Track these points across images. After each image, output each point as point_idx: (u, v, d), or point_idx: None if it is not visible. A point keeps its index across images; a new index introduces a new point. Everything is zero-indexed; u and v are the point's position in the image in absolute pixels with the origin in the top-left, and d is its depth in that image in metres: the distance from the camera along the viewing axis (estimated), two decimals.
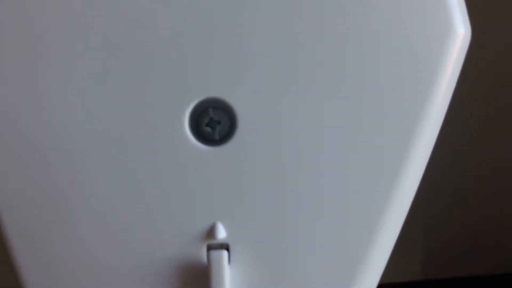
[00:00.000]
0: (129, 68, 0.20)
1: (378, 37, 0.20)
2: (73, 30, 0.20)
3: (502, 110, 0.70)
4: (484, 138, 0.72)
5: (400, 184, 0.21)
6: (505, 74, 0.66)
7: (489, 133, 0.72)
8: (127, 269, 0.21)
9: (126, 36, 0.20)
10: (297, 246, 0.21)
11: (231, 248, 0.21)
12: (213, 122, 0.21)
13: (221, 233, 0.21)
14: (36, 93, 0.20)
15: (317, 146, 0.21)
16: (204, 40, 0.20)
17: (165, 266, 0.21)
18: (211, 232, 0.21)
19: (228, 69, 0.20)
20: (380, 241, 0.22)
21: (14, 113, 0.20)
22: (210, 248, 0.21)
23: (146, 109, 0.20)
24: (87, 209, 0.21)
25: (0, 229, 0.21)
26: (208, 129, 0.21)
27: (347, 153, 0.21)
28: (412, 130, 0.21)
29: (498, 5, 0.61)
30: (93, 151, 0.20)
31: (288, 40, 0.20)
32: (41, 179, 0.20)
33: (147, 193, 0.21)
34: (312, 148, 0.21)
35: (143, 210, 0.21)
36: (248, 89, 0.20)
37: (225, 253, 0.21)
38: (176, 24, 0.20)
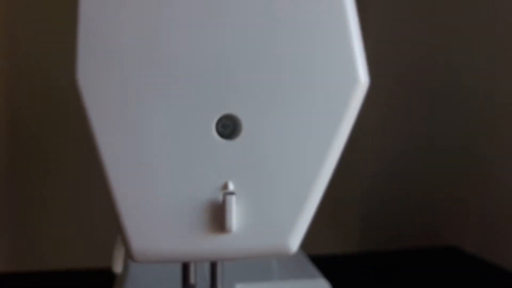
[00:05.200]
0: (181, 94, 0.33)
1: (307, 86, 0.34)
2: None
3: None
4: (418, 111, 0.79)
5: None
6: None
7: (429, 103, 0.79)
8: (179, 202, 0.34)
9: (176, 73, 0.33)
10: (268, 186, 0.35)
11: (236, 195, 0.34)
12: (225, 125, 0.34)
13: (231, 187, 0.34)
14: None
15: (281, 136, 0.34)
16: (227, 74, 0.34)
17: (200, 204, 0.34)
18: (225, 186, 0.34)
19: (239, 96, 0.34)
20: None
21: None
22: (225, 194, 0.33)
23: (191, 118, 0.33)
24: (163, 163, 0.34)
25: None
26: (222, 129, 0.34)
27: (294, 133, 0.34)
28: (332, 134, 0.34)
29: None
30: (162, 138, 0.33)
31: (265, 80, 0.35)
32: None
33: (189, 167, 0.33)
34: (279, 136, 0.34)
35: (187, 174, 0.33)
36: (248, 108, 0.34)
37: (233, 196, 0.33)
38: (206, 64, 0.33)
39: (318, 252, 0.56)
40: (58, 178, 0.75)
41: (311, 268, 0.52)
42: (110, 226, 0.68)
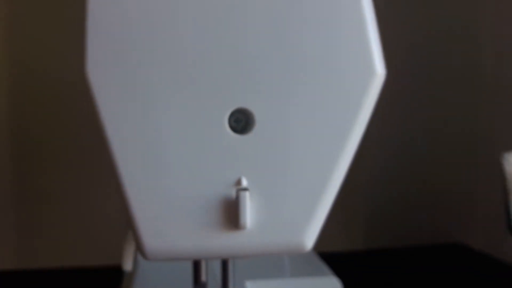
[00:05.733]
0: (193, 88, 0.33)
1: (323, 78, 0.33)
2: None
3: None
4: (421, 103, 0.79)
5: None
6: None
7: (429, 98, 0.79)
8: (192, 199, 0.33)
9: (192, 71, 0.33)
10: (282, 183, 0.34)
11: (250, 191, 0.33)
12: (238, 120, 0.34)
13: (244, 183, 0.33)
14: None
15: (295, 130, 0.33)
16: (240, 67, 0.33)
17: (213, 200, 0.33)
18: (238, 182, 0.33)
19: (252, 89, 0.33)
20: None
21: None
22: (238, 190, 0.33)
23: (202, 113, 0.33)
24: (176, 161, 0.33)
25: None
26: (234, 124, 0.34)
27: (309, 126, 0.33)
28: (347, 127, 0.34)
29: None
30: (174, 133, 0.33)
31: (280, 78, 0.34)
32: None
33: (201, 162, 0.33)
34: (293, 130, 0.33)
35: (199, 170, 0.33)
36: (261, 101, 0.33)
37: (247, 192, 0.33)
38: (217, 57, 0.33)
39: (322, 250, 0.55)
40: (63, 176, 0.74)
41: (322, 266, 0.52)
42: (116, 224, 0.68)
